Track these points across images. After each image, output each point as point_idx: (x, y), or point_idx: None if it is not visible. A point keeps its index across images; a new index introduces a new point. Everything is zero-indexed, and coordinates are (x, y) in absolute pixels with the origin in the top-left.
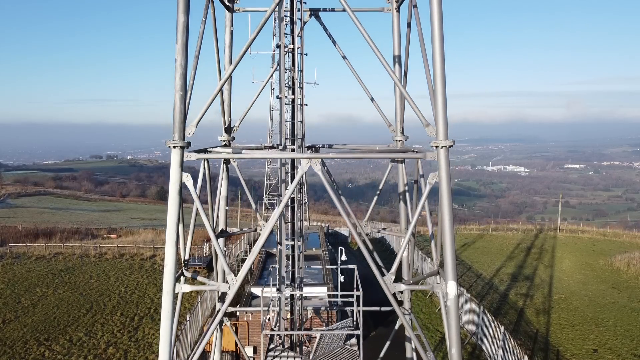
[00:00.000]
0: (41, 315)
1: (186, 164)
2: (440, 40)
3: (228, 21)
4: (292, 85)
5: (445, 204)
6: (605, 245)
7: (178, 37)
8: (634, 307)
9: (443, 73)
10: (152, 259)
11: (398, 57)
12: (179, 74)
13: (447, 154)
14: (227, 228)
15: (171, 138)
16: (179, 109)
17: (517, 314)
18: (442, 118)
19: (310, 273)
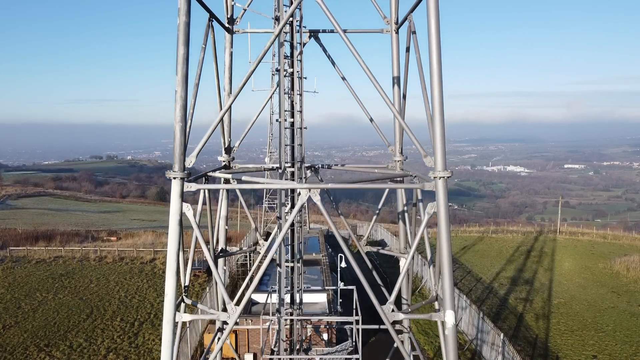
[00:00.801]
0: (41, 321)
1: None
2: (438, 73)
3: (228, 43)
4: (291, 109)
5: (444, 234)
6: (605, 248)
7: (178, 69)
8: (633, 312)
9: (441, 105)
10: (152, 262)
11: (397, 79)
12: (179, 106)
13: (446, 184)
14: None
15: (171, 169)
16: (179, 140)
17: (516, 319)
18: (441, 149)
19: (309, 278)
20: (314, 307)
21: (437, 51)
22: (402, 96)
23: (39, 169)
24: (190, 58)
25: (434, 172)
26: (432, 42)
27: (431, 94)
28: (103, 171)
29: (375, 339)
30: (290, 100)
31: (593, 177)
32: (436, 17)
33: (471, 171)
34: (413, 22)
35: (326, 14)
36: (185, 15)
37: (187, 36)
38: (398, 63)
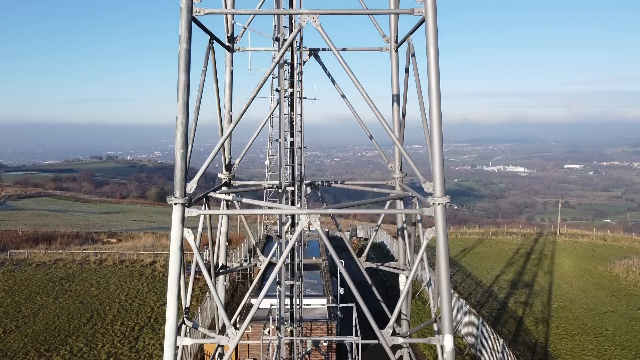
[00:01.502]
0: (42, 325)
1: None
2: (437, 102)
3: (228, 61)
4: (291, 129)
5: (442, 259)
6: (605, 250)
7: (179, 95)
8: (632, 316)
9: (440, 132)
10: (152, 265)
11: (397, 97)
12: (180, 132)
13: (444, 210)
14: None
15: (172, 195)
16: (180, 166)
17: (516, 323)
18: (439, 176)
19: (309, 283)
20: (313, 313)
21: (436, 80)
22: (402, 115)
23: (39, 169)
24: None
25: (432, 198)
26: (431, 70)
27: (430, 120)
28: (103, 171)
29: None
30: (290, 121)
31: (593, 177)
32: (435, 44)
33: (471, 171)
34: (412, 44)
35: (324, 39)
36: (186, 42)
37: (188, 64)
38: (397, 81)
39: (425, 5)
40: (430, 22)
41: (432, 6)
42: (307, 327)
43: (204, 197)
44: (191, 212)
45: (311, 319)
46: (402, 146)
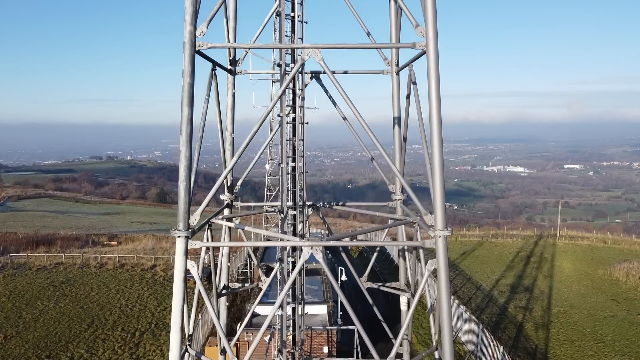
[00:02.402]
0: (42, 331)
1: None
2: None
3: (230, 84)
4: (293, 154)
5: (444, 293)
6: (605, 253)
7: (182, 129)
8: (632, 321)
9: (441, 164)
10: (153, 269)
11: (398, 119)
12: (184, 165)
13: (446, 243)
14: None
15: (175, 227)
16: (183, 199)
17: (516, 328)
18: (441, 208)
19: (309, 289)
20: (314, 319)
21: (437, 113)
22: (403, 139)
23: (39, 169)
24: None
25: (434, 231)
26: (432, 103)
27: (430, 153)
28: (103, 172)
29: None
30: (292, 146)
31: (593, 177)
32: (436, 78)
33: (471, 171)
34: (413, 71)
35: (326, 71)
36: (189, 77)
37: (191, 98)
38: (398, 105)
39: (427, 40)
40: (431, 56)
41: (433, 41)
42: (308, 334)
43: (206, 223)
44: (194, 244)
45: (311, 327)
46: (403, 176)
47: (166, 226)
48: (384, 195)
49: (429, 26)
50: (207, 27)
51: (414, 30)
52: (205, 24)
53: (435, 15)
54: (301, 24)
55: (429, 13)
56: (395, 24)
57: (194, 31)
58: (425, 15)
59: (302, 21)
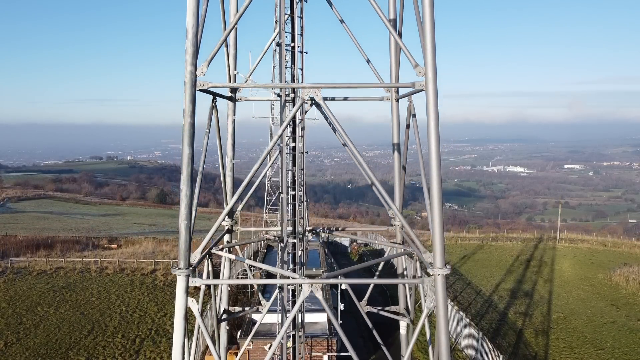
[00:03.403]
0: (43, 338)
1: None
2: (438, 176)
3: (230, 110)
4: (293, 183)
5: (442, 331)
6: (605, 256)
7: (183, 168)
8: (632, 327)
9: (440, 205)
10: (153, 274)
11: (397, 146)
12: (184, 204)
13: (444, 281)
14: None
15: (176, 266)
16: (184, 237)
17: (516, 335)
18: (440, 246)
19: (309, 296)
20: (314, 328)
21: (436, 150)
22: (403, 167)
23: (39, 169)
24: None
25: (433, 269)
26: (432, 141)
27: (430, 191)
28: (103, 172)
29: (376, 356)
30: (292, 175)
31: (593, 177)
32: (435, 115)
33: (471, 171)
34: (413, 104)
35: (327, 113)
36: (190, 116)
37: (192, 137)
38: (398, 131)
39: (426, 80)
40: (431, 96)
41: (432, 81)
42: (307, 342)
43: (207, 254)
44: (195, 282)
45: (311, 335)
46: (402, 214)
47: (166, 228)
48: None
49: (428, 67)
50: (208, 66)
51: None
52: (205, 64)
53: (434, 56)
54: (301, 55)
55: (428, 54)
56: (395, 59)
57: (195, 71)
58: (425, 56)
59: (302, 52)
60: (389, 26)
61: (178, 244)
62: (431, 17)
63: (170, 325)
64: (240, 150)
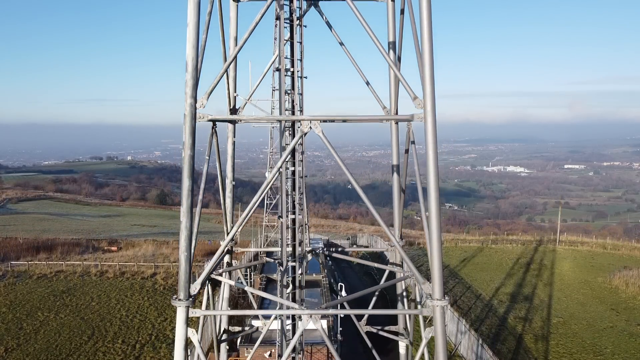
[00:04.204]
0: (43, 343)
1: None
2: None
3: (230, 132)
4: (292, 208)
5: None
6: (605, 259)
7: (183, 200)
8: (632, 332)
9: (439, 237)
10: (153, 277)
11: (397, 168)
12: (184, 236)
13: (443, 312)
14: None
15: (177, 297)
16: (184, 269)
17: (515, 340)
18: (439, 278)
19: (309, 302)
20: (313, 334)
21: (434, 180)
22: (402, 190)
23: (39, 170)
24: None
25: (432, 301)
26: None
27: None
28: (103, 172)
29: None
30: (292, 199)
31: (593, 177)
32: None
33: (471, 171)
34: (412, 130)
35: (325, 144)
36: (190, 149)
37: (192, 169)
38: (397, 153)
39: (425, 113)
40: (429, 127)
41: (431, 114)
42: (307, 350)
43: (207, 279)
44: (195, 313)
45: (311, 342)
46: (403, 250)
47: (166, 229)
48: (384, 196)
49: (427, 99)
50: (208, 98)
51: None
52: (205, 96)
53: (433, 89)
54: (301, 80)
55: (427, 86)
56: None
57: (195, 103)
58: (424, 88)
59: (302, 77)
60: (388, 60)
61: (178, 275)
62: (430, 49)
63: (170, 331)
64: (240, 150)
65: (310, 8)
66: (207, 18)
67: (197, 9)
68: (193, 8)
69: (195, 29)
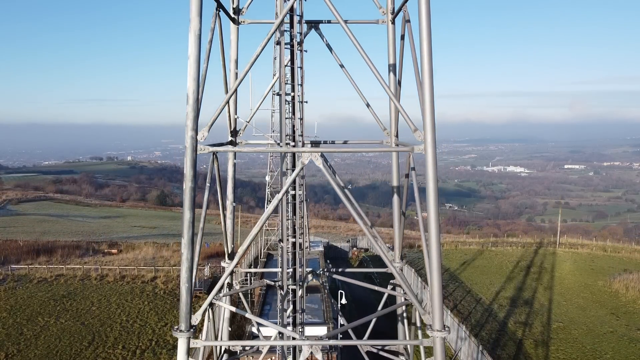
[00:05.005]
0: (43, 349)
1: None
2: (437, 247)
3: (231, 155)
4: (293, 232)
5: None
6: (605, 262)
7: (184, 232)
8: (632, 337)
9: (439, 266)
10: (153, 281)
11: (397, 189)
12: (185, 267)
13: (443, 343)
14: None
15: (177, 328)
16: (185, 300)
17: (515, 346)
18: (438, 308)
19: (309, 308)
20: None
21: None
22: (402, 213)
23: (39, 170)
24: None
25: (432, 332)
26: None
27: (429, 256)
28: (103, 173)
29: None
30: (292, 224)
31: (593, 177)
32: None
33: (471, 171)
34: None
35: (323, 170)
36: (191, 181)
37: (193, 202)
38: (398, 175)
39: (425, 144)
40: (429, 159)
41: (431, 145)
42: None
43: (209, 305)
44: (196, 344)
45: None
46: (404, 281)
47: (166, 230)
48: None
49: (427, 132)
50: (209, 131)
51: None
52: (206, 129)
53: (433, 122)
54: (301, 104)
55: (427, 120)
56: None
57: (196, 136)
58: (424, 121)
59: (302, 101)
60: (389, 92)
61: (179, 306)
62: (430, 81)
63: (171, 336)
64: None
65: (310, 30)
66: (207, 47)
67: (198, 41)
68: (194, 40)
69: (196, 62)
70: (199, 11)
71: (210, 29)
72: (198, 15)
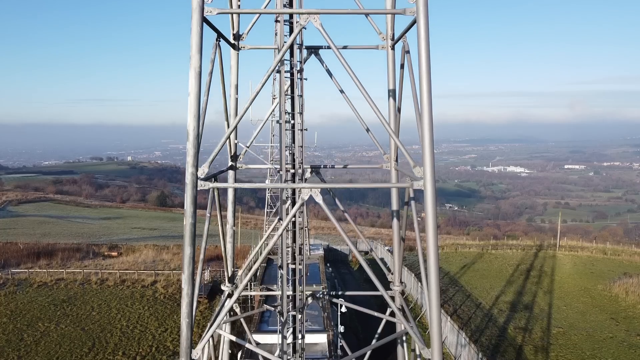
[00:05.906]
0: (44, 355)
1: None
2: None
3: (231, 178)
4: (293, 259)
5: None
6: (605, 265)
7: (185, 268)
8: (632, 343)
9: (438, 304)
10: (153, 286)
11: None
12: (186, 303)
13: None
14: None
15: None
16: (185, 335)
17: (515, 352)
18: (437, 346)
19: (309, 315)
20: (313, 349)
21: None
22: (402, 239)
23: (39, 170)
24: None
25: None
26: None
27: (428, 289)
28: (103, 173)
29: None
30: (292, 252)
31: (593, 177)
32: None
33: (471, 172)
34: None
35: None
36: (192, 217)
37: (193, 237)
38: (398, 199)
39: (425, 181)
40: (429, 195)
41: (430, 181)
42: None
43: (210, 329)
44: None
45: (311, 358)
46: (403, 313)
47: (166, 232)
48: (384, 196)
49: (427, 168)
50: (209, 167)
51: None
52: (207, 165)
53: (432, 158)
54: (301, 133)
55: (427, 157)
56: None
57: (196, 172)
58: (424, 159)
59: (302, 129)
60: (389, 129)
61: (180, 340)
62: (429, 117)
63: (171, 342)
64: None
65: (310, 56)
66: (207, 79)
67: (199, 78)
68: (194, 77)
69: (197, 99)
70: (200, 48)
71: (211, 60)
72: (198, 52)
